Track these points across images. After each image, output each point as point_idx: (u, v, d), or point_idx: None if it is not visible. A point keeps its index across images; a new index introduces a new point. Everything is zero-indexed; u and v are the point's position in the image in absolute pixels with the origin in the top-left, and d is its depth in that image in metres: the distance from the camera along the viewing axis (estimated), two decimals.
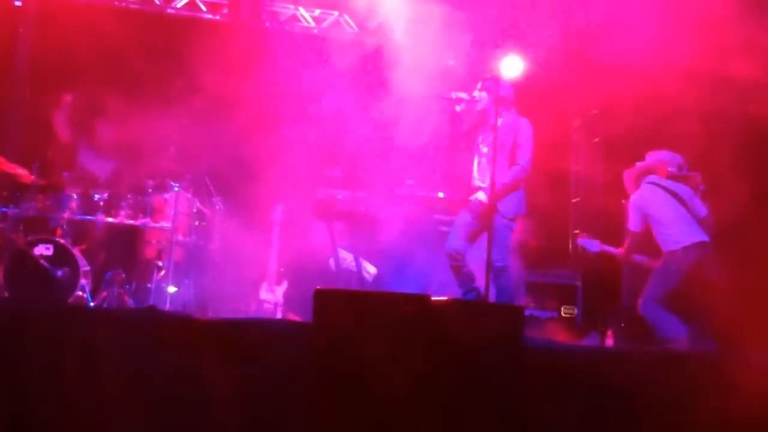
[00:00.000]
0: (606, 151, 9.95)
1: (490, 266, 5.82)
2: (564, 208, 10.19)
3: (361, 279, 7.44)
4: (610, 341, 7.84)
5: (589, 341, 7.96)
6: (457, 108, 6.75)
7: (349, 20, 10.71)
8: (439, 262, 6.95)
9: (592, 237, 7.55)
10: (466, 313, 3.77)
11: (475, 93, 6.77)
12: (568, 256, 9.93)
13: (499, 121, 6.54)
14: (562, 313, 8.29)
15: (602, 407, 4.30)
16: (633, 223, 7.05)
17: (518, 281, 7.69)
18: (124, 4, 10.28)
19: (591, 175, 10.16)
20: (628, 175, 7.33)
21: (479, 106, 6.74)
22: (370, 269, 7.63)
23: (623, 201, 7.57)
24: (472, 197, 6.57)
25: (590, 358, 4.65)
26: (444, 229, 7.45)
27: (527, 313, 7.90)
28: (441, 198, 8.16)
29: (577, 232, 9.69)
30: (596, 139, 10.24)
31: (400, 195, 7.76)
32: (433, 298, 3.73)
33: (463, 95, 6.76)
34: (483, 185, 6.59)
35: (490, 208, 6.37)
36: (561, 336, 7.92)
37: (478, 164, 6.72)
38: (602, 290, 8.51)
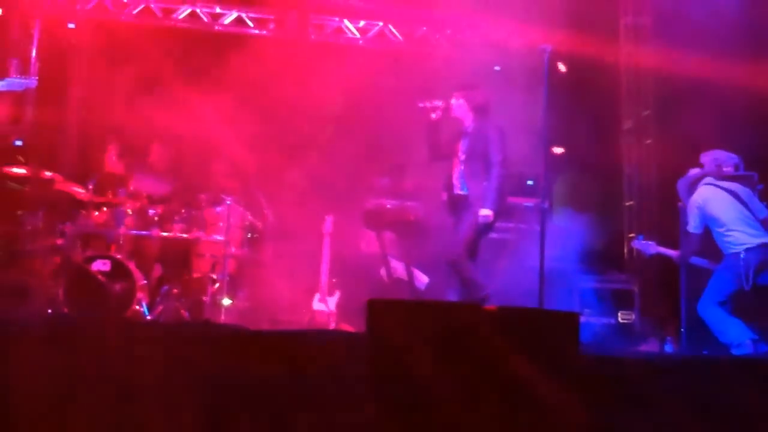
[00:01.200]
0: (659, 153, 9.83)
1: (543, 275, 5.73)
2: (618, 212, 10.07)
3: (413, 288, 7.42)
4: (670, 347, 7.71)
5: (648, 348, 7.84)
6: (432, 116, 6.85)
7: (393, 30, 10.73)
8: (490, 270, 6.91)
9: (647, 240, 7.43)
10: (520, 321, 3.74)
11: (453, 101, 6.89)
12: (623, 260, 9.81)
13: (470, 128, 6.77)
14: (619, 318, 8.18)
15: (664, 417, 4.22)
16: (692, 225, 6.86)
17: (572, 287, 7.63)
18: (172, 22, 10.42)
19: (644, 178, 10.03)
20: (682, 184, 7.15)
21: (455, 113, 6.89)
22: (422, 278, 7.61)
23: (679, 203, 7.44)
24: (482, 214, 6.57)
25: (650, 366, 4.56)
26: (494, 236, 7.39)
27: (583, 319, 7.81)
28: None
29: (632, 235, 9.57)
30: (648, 141, 10.11)
31: (446, 202, 7.71)
32: (486, 307, 3.70)
33: (438, 103, 6.85)
34: (462, 192, 6.73)
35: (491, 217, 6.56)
36: (619, 343, 7.82)
37: (456, 171, 6.83)
38: (660, 295, 8.38)
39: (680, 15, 8.63)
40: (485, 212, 6.53)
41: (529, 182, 8.76)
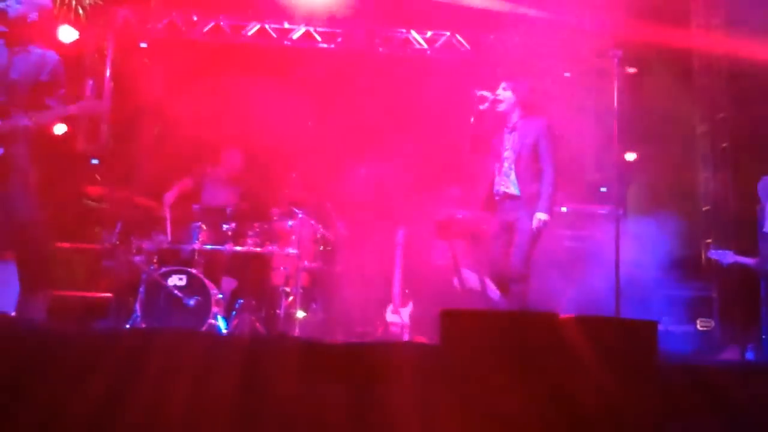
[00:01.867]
0: (735, 156, 9.61)
1: (619, 283, 5.63)
2: (694, 217, 9.86)
3: (487, 298, 7.36)
4: (751, 355, 7.51)
5: (729, 355, 7.65)
6: (481, 107, 6.48)
7: (461, 39, 10.71)
8: (565, 278, 6.82)
9: (724, 248, 7.26)
10: (597, 331, 3.68)
11: (499, 92, 6.55)
12: (701, 266, 9.60)
13: (516, 123, 6.46)
14: (698, 326, 8.00)
15: (745, 425, 4.10)
16: None
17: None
18: (241, 39, 10.57)
19: (721, 182, 9.81)
20: (762, 185, 6.98)
21: (502, 107, 6.53)
22: (495, 288, 7.54)
23: (757, 207, 7.26)
24: (537, 219, 6.22)
25: (731, 374, 4.44)
26: (568, 243, 7.30)
27: (661, 327, 7.65)
28: (564, 212, 8.01)
29: (709, 241, 9.36)
30: (724, 144, 9.89)
31: None
32: (561, 316, 3.66)
33: (487, 94, 6.53)
34: (509, 191, 6.39)
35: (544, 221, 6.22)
36: (698, 351, 7.65)
37: (500, 170, 6.50)
38: (740, 301, 8.18)
39: (754, 15, 8.44)
40: (542, 216, 6.19)
41: (603, 189, 8.65)
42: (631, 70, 6.98)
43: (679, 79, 9.62)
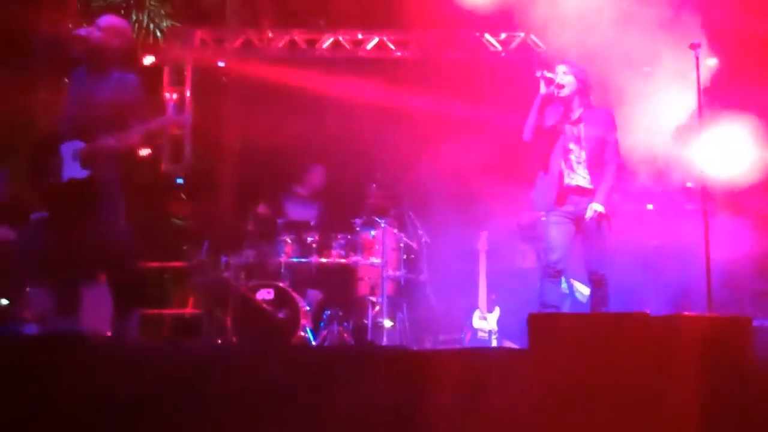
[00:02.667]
0: None
1: (710, 279, 5.48)
2: None
3: (574, 301, 7.28)
4: None
5: None
6: (546, 91, 6.06)
7: (536, 39, 10.62)
8: (652, 278, 6.70)
9: None
10: (691, 329, 3.61)
11: (562, 75, 6.14)
12: None
13: (579, 112, 6.14)
14: None
15: None
16: None
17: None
18: (317, 53, 10.67)
19: None
20: None
21: (564, 92, 6.11)
22: (583, 290, 7.45)
23: None
24: (592, 209, 5.95)
25: None
26: (655, 243, 7.15)
27: (756, 323, 7.44)
28: (650, 210, 7.87)
29: None
30: None
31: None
32: (651, 315, 3.61)
33: (553, 76, 6.12)
34: (581, 185, 6.06)
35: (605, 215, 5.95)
36: None
37: (567, 162, 6.10)
38: None
39: None
40: (599, 207, 5.92)
41: (689, 184, 8.45)
42: (713, 62, 6.80)
43: (762, 70, 9.36)
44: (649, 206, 7.90)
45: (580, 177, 6.07)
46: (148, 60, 10.03)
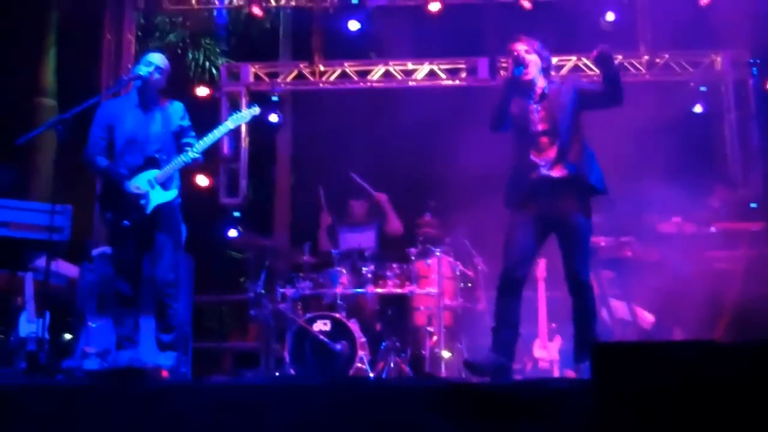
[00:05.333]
0: None
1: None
2: None
3: (638, 328, 7.14)
4: None
5: None
6: (518, 73, 5.40)
7: (587, 62, 10.56)
8: (718, 303, 6.54)
9: None
10: (762, 357, 3.50)
11: (523, 54, 5.47)
12: None
13: (545, 90, 5.46)
14: None
15: None
16: None
17: None
18: (369, 84, 10.74)
19: None
20: None
21: (529, 75, 5.44)
22: (647, 317, 7.32)
23: None
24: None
25: None
26: (720, 266, 6.99)
27: None
28: (714, 232, 7.69)
29: None
30: None
31: (667, 234, 7.37)
32: (720, 343, 3.50)
33: (529, 58, 5.48)
34: (553, 174, 5.32)
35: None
36: None
37: (533, 148, 5.37)
38: None
39: None
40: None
41: (753, 205, 8.28)
42: None
43: None
44: (713, 229, 7.72)
45: (553, 163, 5.34)
46: (203, 92, 10.18)
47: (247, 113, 6.31)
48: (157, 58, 6.08)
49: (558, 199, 5.34)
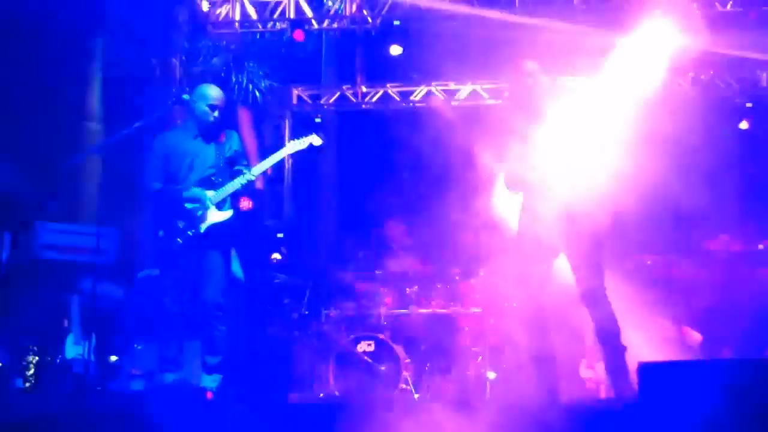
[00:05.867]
0: None
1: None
2: None
3: (685, 347, 7.03)
4: None
5: None
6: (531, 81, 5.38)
7: None
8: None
9: None
10: None
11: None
12: None
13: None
14: None
15: None
16: None
17: None
18: (411, 105, 10.76)
19: None
20: None
21: (542, 92, 5.43)
22: (694, 335, 7.20)
23: None
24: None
25: None
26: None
27: None
28: (761, 250, 7.57)
29: None
30: None
31: (714, 252, 7.27)
32: None
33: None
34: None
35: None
36: None
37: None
38: None
39: None
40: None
41: None
42: None
43: None
44: (761, 246, 7.59)
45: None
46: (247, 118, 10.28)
47: (305, 141, 6.30)
48: (212, 92, 6.09)
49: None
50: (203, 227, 5.84)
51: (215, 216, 5.87)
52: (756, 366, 3.42)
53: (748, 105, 9.98)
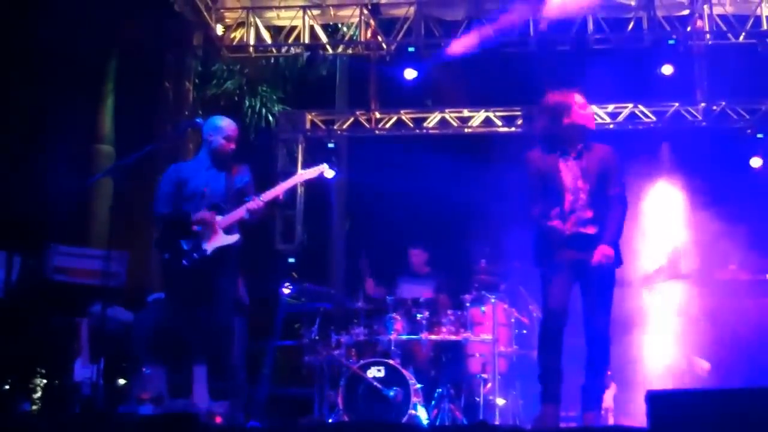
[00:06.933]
0: None
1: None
2: None
3: (694, 375, 6.98)
4: None
5: None
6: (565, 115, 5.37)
7: (645, 110, 10.50)
8: (759, 351, 6.38)
9: None
10: None
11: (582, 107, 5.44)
12: None
13: (583, 149, 5.40)
14: None
15: None
16: None
17: None
18: (424, 130, 10.79)
19: None
20: None
21: (583, 123, 5.41)
22: (703, 365, 7.15)
23: None
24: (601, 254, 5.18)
25: None
26: (755, 315, 6.80)
27: None
28: (748, 280, 7.51)
29: None
30: None
31: (722, 281, 7.21)
32: None
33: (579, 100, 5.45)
34: (585, 230, 5.27)
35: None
36: None
37: (569, 203, 5.32)
38: None
39: None
40: (606, 250, 5.20)
41: None
42: None
43: None
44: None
45: (586, 221, 5.32)
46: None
47: (317, 170, 6.33)
48: (227, 124, 6.12)
49: (586, 253, 5.27)
50: (210, 250, 5.84)
51: (222, 239, 5.88)
52: (763, 395, 3.39)
53: (759, 136, 9.99)
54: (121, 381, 7.25)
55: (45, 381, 6.67)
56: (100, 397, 6.26)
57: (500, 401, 7.42)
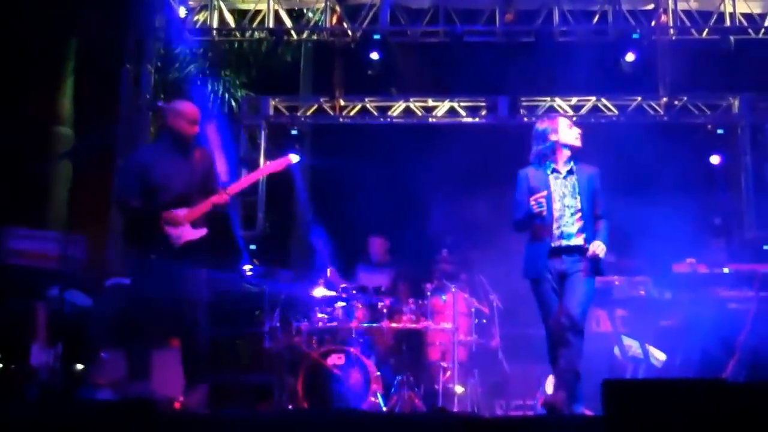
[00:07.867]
0: None
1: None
2: None
3: (650, 366, 7.07)
4: None
5: None
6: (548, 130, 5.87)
7: (608, 104, 10.58)
8: (730, 343, 6.48)
9: None
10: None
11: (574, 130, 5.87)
12: None
13: (573, 168, 5.82)
14: None
15: None
16: None
17: None
18: (388, 120, 10.78)
19: None
20: None
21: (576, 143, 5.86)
22: (659, 356, 7.24)
23: None
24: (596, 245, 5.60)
25: None
26: (733, 306, 6.92)
27: None
28: (727, 273, 7.62)
29: None
30: None
31: (681, 275, 7.32)
32: (730, 382, 3.46)
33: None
34: (572, 243, 5.67)
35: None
36: None
37: (557, 217, 5.70)
38: None
39: None
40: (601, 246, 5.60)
41: (766, 247, 8.23)
42: None
43: None
44: (725, 270, 7.65)
45: (573, 236, 5.72)
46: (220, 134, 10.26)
47: (283, 162, 6.31)
48: (190, 108, 6.06)
49: (572, 265, 5.72)
50: (178, 245, 5.80)
51: (190, 234, 5.83)
52: (716, 387, 3.45)
53: (720, 131, 10.13)
54: (79, 366, 7.18)
55: (1, 365, 6.58)
56: (57, 382, 6.20)
57: (459, 389, 7.49)
